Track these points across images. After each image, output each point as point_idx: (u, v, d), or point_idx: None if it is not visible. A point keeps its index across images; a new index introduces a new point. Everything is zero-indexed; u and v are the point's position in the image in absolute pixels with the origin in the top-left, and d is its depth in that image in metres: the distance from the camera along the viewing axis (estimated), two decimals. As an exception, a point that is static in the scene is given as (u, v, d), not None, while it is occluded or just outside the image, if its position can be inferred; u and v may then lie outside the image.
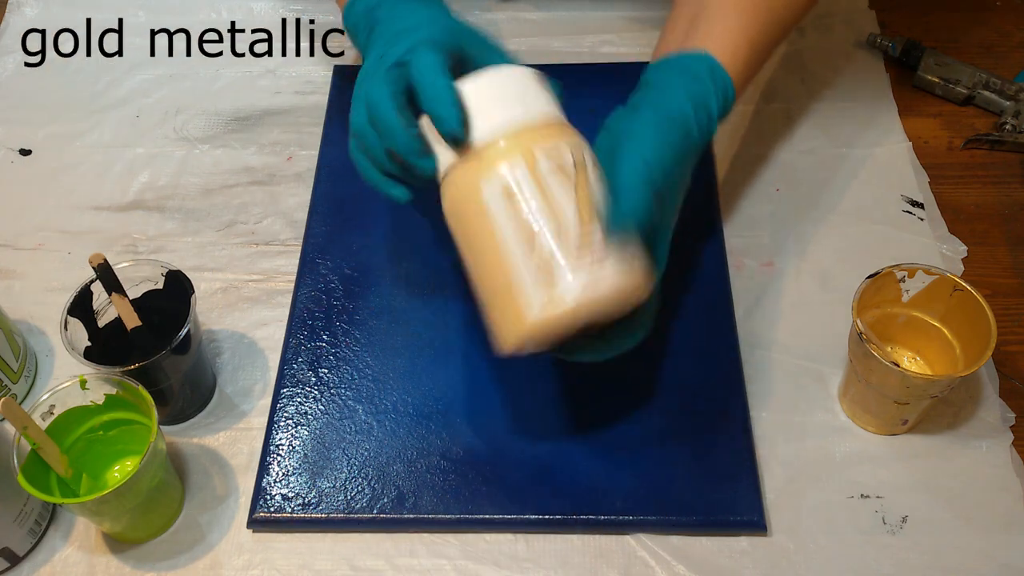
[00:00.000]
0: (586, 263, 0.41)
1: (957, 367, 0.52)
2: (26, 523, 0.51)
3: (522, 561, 0.51)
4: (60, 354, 0.60)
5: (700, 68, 0.50)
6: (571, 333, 0.44)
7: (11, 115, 0.73)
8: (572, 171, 0.42)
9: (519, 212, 0.42)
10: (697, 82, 0.50)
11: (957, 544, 0.51)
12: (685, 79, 0.50)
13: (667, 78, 0.51)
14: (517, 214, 0.42)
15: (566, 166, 0.42)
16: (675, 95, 0.49)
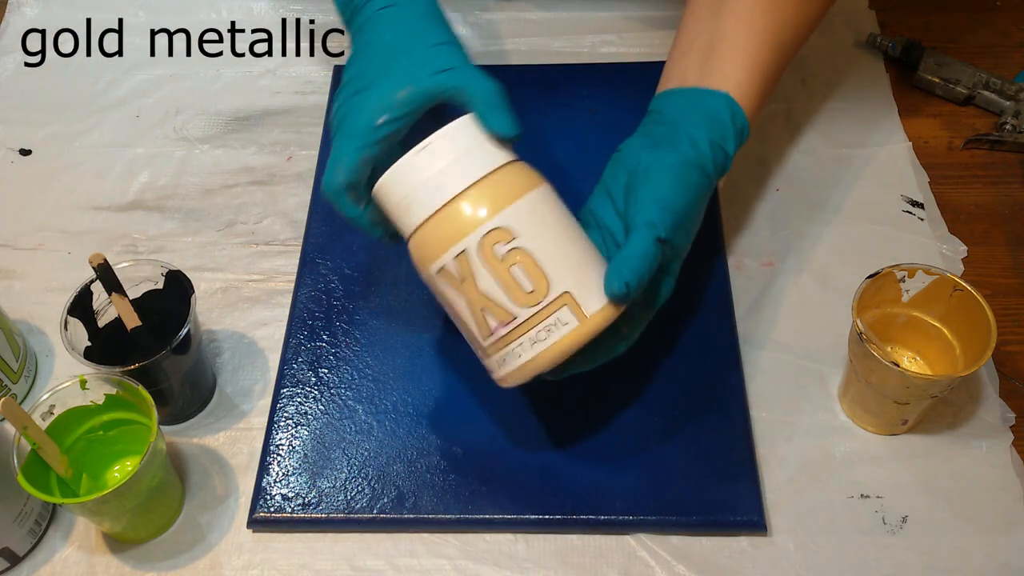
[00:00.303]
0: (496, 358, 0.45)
1: (957, 367, 0.52)
2: (26, 523, 0.51)
3: (522, 561, 0.51)
4: (60, 354, 0.60)
5: (720, 108, 0.51)
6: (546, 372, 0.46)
7: (11, 115, 0.73)
8: (459, 282, 0.44)
9: (445, 305, 0.46)
10: (717, 124, 0.51)
11: (957, 544, 0.51)
12: (706, 120, 0.51)
13: (687, 116, 0.51)
14: (444, 305, 0.46)
15: (452, 278, 0.44)
16: (696, 137, 0.50)
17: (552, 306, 0.44)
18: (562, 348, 0.44)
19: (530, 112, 0.71)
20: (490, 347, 0.45)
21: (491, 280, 0.43)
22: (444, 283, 0.45)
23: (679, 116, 0.52)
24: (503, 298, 0.43)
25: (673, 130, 0.51)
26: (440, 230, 0.44)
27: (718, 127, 0.51)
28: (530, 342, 0.44)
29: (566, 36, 0.76)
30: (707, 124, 0.51)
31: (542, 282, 0.43)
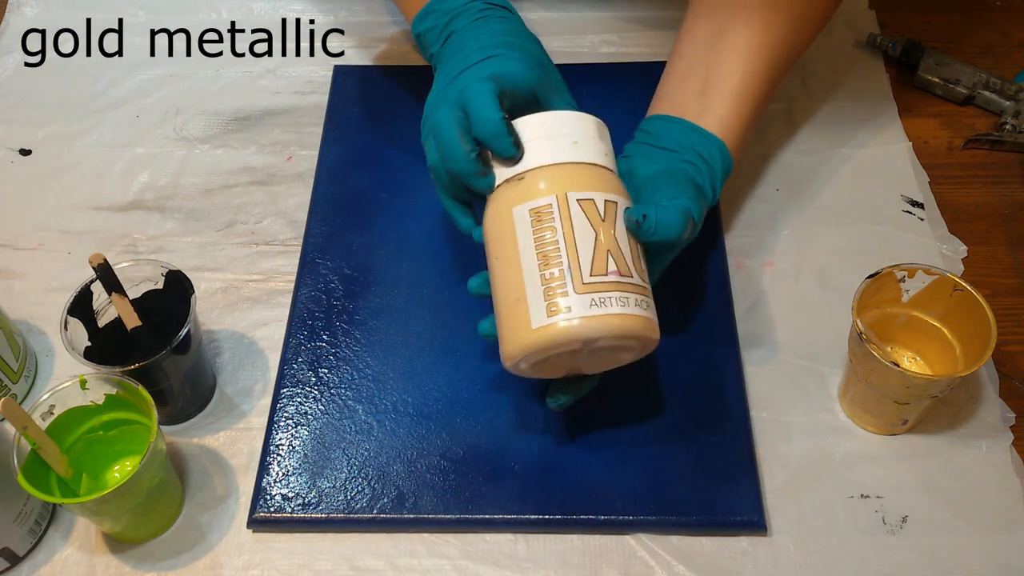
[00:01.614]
0: (588, 296, 0.44)
1: (957, 367, 0.52)
2: (26, 523, 0.51)
3: (522, 561, 0.51)
4: (60, 354, 0.60)
5: (713, 152, 0.54)
6: (564, 352, 0.46)
7: (11, 115, 0.73)
8: (599, 219, 0.46)
9: (542, 235, 0.45)
10: (709, 167, 0.54)
11: (957, 544, 0.51)
12: (701, 161, 0.54)
13: (685, 152, 0.54)
14: (540, 236, 0.45)
15: (594, 212, 0.46)
16: (694, 173, 0.53)
17: (646, 291, 0.47)
18: (646, 327, 0.46)
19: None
20: (587, 284, 0.44)
21: (624, 236, 0.46)
22: (578, 210, 0.45)
23: (678, 147, 0.54)
24: (628, 254, 0.46)
25: (675, 156, 0.54)
26: (601, 175, 0.47)
27: (710, 170, 0.54)
28: (632, 302, 0.45)
29: (566, 36, 0.75)
30: (702, 165, 0.54)
31: (645, 270, 0.47)
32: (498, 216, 0.47)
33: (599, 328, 0.44)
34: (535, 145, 0.47)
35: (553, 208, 0.46)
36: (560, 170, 0.47)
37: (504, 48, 0.53)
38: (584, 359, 0.47)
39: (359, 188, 0.66)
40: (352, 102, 0.71)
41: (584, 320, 0.44)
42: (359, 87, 0.72)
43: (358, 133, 0.69)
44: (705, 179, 0.53)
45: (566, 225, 0.45)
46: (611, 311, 0.44)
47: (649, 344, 0.47)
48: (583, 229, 0.45)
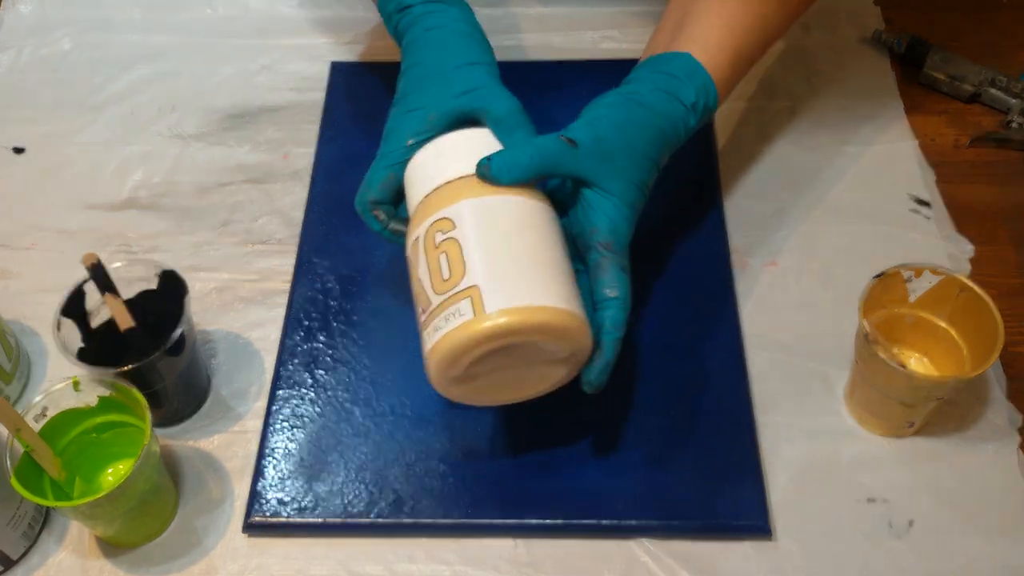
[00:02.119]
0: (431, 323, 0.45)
1: (964, 368, 0.51)
2: (19, 527, 0.50)
3: (522, 566, 0.50)
4: (53, 355, 0.60)
5: (677, 66, 0.51)
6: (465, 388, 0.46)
7: (5, 113, 0.73)
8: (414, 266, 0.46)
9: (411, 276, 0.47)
10: (670, 79, 0.51)
11: (964, 548, 0.50)
12: (658, 76, 0.51)
13: (640, 74, 0.52)
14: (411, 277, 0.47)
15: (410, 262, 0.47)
16: (640, 88, 0.51)
17: (457, 296, 0.43)
18: (451, 341, 0.43)
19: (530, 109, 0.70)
20: (421, 331, 0.46)
21: (424, 266, 0.46)
22: (410, 266, 0.47)
23: (637, 77, 0.52)
24: (428, 283, 0.45)
25: (632, 86, 0.52)
26: (413, 220, 0.48)
27: (671, 80, 0.51)
28: (434, 330, 0.44)
29: (567, 32, 0.75)
30: (661, 77, 0.51)
31: (459, 271, 0.44)
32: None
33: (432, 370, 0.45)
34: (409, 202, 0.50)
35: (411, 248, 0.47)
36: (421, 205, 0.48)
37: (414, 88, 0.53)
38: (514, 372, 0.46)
39: (356, 186, 0.65)
40: (349, 99, 0.71)
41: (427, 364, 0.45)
42: (356, 84, 0.72)
43: (355, 131, 0.68)
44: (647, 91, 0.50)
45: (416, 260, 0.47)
46: (426, 349, 0.45)
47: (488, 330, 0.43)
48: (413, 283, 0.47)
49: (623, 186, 0.48)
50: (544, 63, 0.72)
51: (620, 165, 0.48)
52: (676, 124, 0.51)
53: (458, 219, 0.45)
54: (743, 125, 0.68)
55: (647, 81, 0.51)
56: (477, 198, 0.46)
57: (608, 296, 0.47)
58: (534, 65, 0.72)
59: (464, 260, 0.44)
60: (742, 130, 0.68)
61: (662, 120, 0.50)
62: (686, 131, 0.52)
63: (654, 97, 0.50)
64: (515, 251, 0.45)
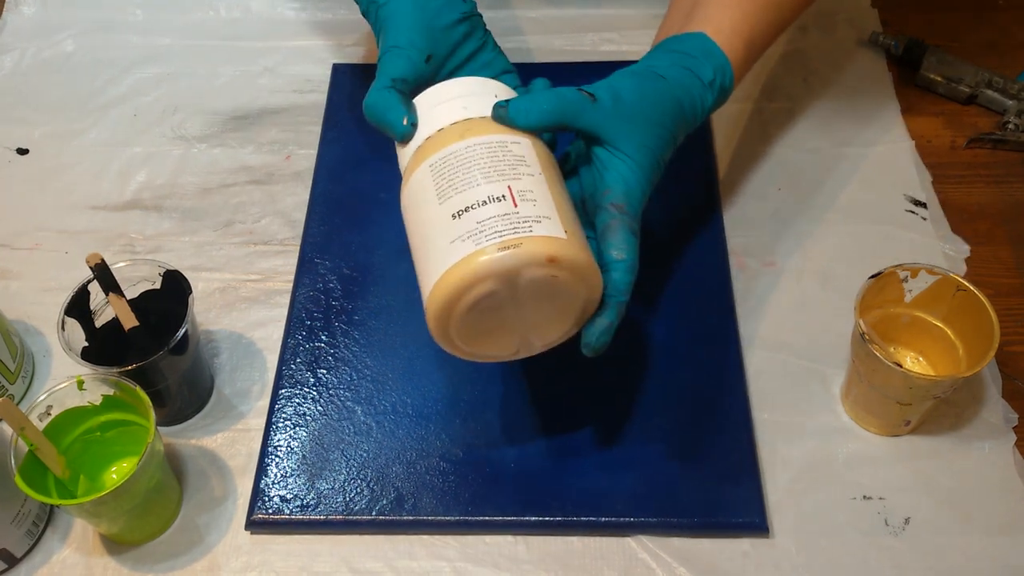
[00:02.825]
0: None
1: (960, 368, 0.51)
2: (24, 524, 0.51)
3: (522, 563, 0.51)
4: (57, 354, 0.60)
5: (692, 45, 0.50)
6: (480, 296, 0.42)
7: (8, 114, 0.73)
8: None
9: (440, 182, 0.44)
10: (685, 56, 0.50)
11: (959, 545, 0.50)
12: (673, 55, 0.50)
13: (656, 54, 0.51)
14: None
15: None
16: (655, 63, 0.50)
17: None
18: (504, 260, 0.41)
19: None
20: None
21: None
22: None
23: (654, 56, 0.51)
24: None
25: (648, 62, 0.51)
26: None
27: (687, 58, 0.50)
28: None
29: (567, 34, 0.75)
30: (678, 55, 0.50)
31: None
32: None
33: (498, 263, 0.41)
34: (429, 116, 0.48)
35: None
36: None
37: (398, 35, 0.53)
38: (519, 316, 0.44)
39: (358, 187, 0.66)
40: (351, 101, 0.71)
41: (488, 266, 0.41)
42: (357, 86, 0.72)
43: (357, 132, 0.69)
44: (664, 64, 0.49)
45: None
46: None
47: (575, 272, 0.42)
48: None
49: (640, 150, 0.47)
50: (544, 65, 0.73)
51: (639, 128, 0.47)
52: (694, 99, 0.49)
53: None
54: (741, 126, 0.69)
55: (664, 58, 0.50)
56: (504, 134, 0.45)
57: (615, 259, 0.45)
58: (535, 67, 0.72)
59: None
60: (740, 131, 0.68)
61: (681, 92, 0.49)
62: (703, 109, 0.50)
63: (673, 71, 0.49)
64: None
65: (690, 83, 0.49)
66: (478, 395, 0.55)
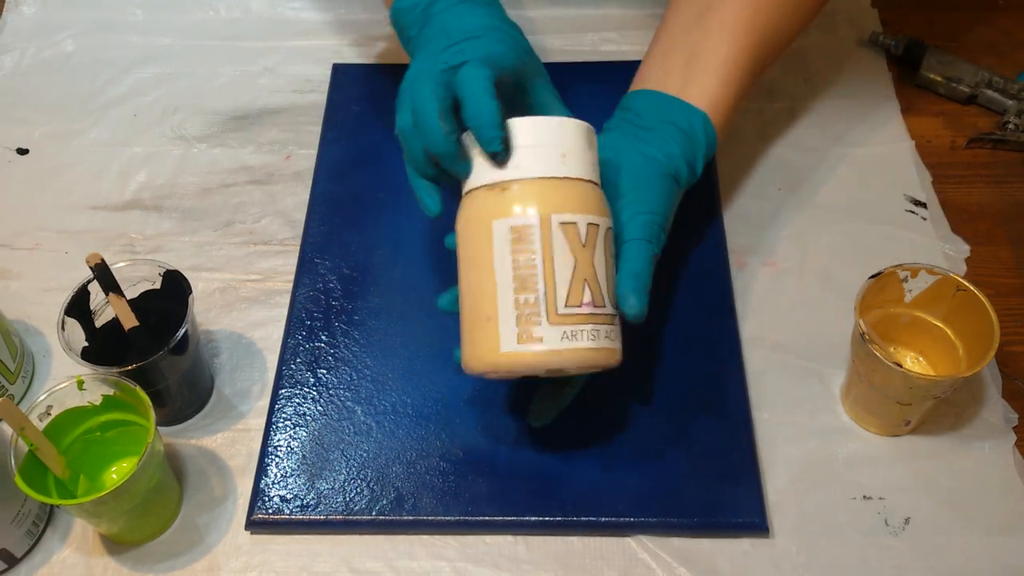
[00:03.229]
0: (560, 328, 0.44)
1: (960, 368, 0.51)
2: (23, 524, 0.51)
3: (522, 563, 0.51)
4: (57, 354, 0.60)
5: (696, 126, 0.53)
6: (530, 374, 0.47)
7: (8, 114, 0.73)
8: (580, 245, 0.45)
9: (521, 256, 0.44)
10: (691, 142, 0.53)
11: (960, 545, 0.50)
12: (681, 136, 0.53)
13: (665, 127, 0.53)
14: (518, 257, 0.44)
15: (576, 238, 0.45)
16: (673, 151, 0.53)
17: (615, 318, 0.47)
18: (613, 357, 0.46)
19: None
20: (561, 315, 0.44)
21: (603, 261, 0.46)
22: (560, 236, 0.44)
23: (657, 125, 0.53)
24: (603, 282, 0.46)
25: (649, 139, 0.53)
26: (587, 193, 0.46)
27: (692, 145, 0.53)
28: (603, 334, 0.45)
29: (567, 34, 0.75)
30: (683, 140, 0.53)
31: (610, 291, 0.46)
32: (476, 224, 0.46)
33: (568, 361, 0.44)
34: (522, 152, 0.45)
35: (534, 230, 0.44)
36: (546, 187, 0.45)
37: (488, 31, 0.50)
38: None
39: (358, 187, 0.66)
40: (351, 101, 0.71)
41: (554, 353, 0.44)
42: (358, 85, 0.72)
43: (357, 132, 0.69)
44: (680, 162, 0.52)
45: (546, 250, 0.44)
46: (582, 345, 0.44)
47: (610, 366, 0.47)
48: (563, 256, 0.44)
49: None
50: (544, 65, 0.72)
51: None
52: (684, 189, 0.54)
53: (602, 233, 0.46)
54: (741, 126, 0.69)
55: (677, 141, 0.53)
56: (606, 219, 0.47)
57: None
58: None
59: (609, 283, 0.46)
60: (741, 131, 0.68)
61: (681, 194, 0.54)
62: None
63: (684, 170, 0.53)
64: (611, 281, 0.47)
65: (689, 178, 0.54)
66: (478, 395, 0.55)
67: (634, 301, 0.46)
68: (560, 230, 0.44)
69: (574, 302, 0.44)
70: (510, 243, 0.44)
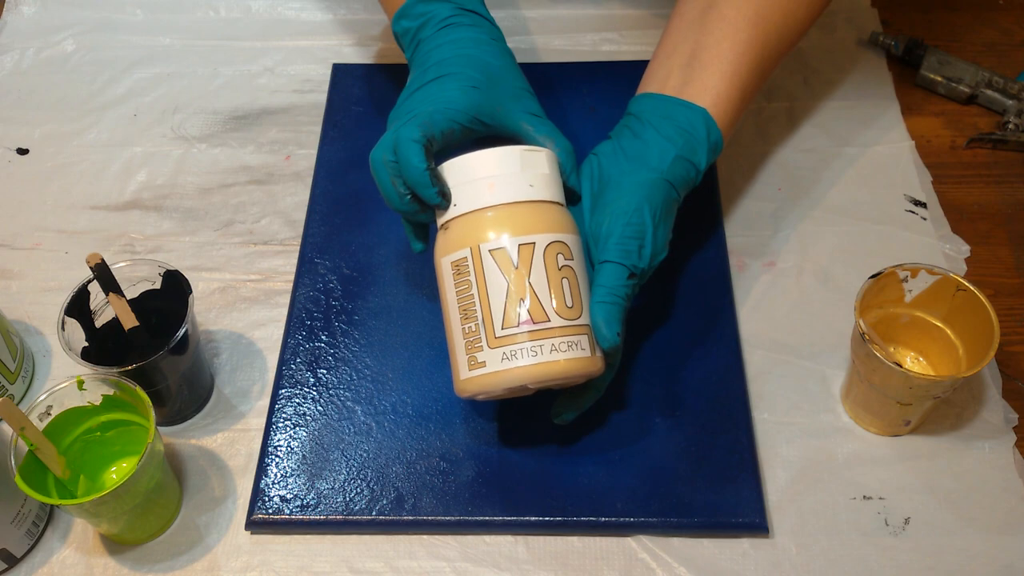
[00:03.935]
0: (499, 351, 0.46)
1: (960, 368, 0.51)
2: (24, 524, 0.51)
3: (522, 563, 0.51)
4: (58, 354, 0.60)
5: (696, 123, 0.53)
6: (490, 398, 0.49)
7: (9, 114, 0.73)
8: (512, 267, 0.46)
9: (462, 287, 0.47)
10: (691, 139, 0.52)
11: (959, 545, 0.50)
12: (680, 134, 0.52)
13: (661, 127, 0.53)
14: (460, 289, 0.47)
15: (507, 261, 0.47)
16: (666, 151, 0.52)
17: (580, 329, 0.47)
18: (573, 367, 0.46)
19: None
20: (499, 338, 0.46)
21: (544, 279, 0.46)
22: (490, 262, 0.46)
23: (654, 126, 0.53)
24: (547, 298, 0.46)
25: (644, 144, 0.52)
26: (519, 215, 0.47)
27: (691, 142, 0.52)
28: (547, 348, 0.46)
29: (567, 34, 0.75)
30: (681, 138, 0.52)
31: (579, 304, 0.47)
32: (435, 265, 0.49)
33: (514, 379, 0.46)
34: (457, 191, 0.48)
35: (468, 261, 0.47)
36: (474, 219, 0.47)
37: (458, 65, 0.53)
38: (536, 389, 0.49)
39: (358, 187, 0.66)
40: (351, 101, 0.71)
41: (496, 375, 0.46)
42: (358, 85, 0.72)
43: (357, 132, 0.69)
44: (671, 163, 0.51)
45: (479, 278, 0.47)
46: (522, 363, 0.45)
47: (586, 376, 0.48)
48: (495, 281, 0.46)
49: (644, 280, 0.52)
50: (544, 65, 0.73)
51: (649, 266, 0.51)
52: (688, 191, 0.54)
53: (572, 251, 0.48)
54: (741, 126, 0.69)
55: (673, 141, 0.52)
56: (576, 234, 0.49)
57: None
58: (534, 66, 0.72)
59: (581, 295, 0.47)
60: (740, 131, 0.68)
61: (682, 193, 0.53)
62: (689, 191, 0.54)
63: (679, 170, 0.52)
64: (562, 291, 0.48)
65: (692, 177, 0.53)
66: (478, 395, 0.56)
67: (605, 332, 0.47)
68: (490, 256, 0.47)
69: (510, 323, 0.46)
70: (453, 277, 0.47)
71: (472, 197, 0.48)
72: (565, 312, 0.46)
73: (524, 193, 0.48)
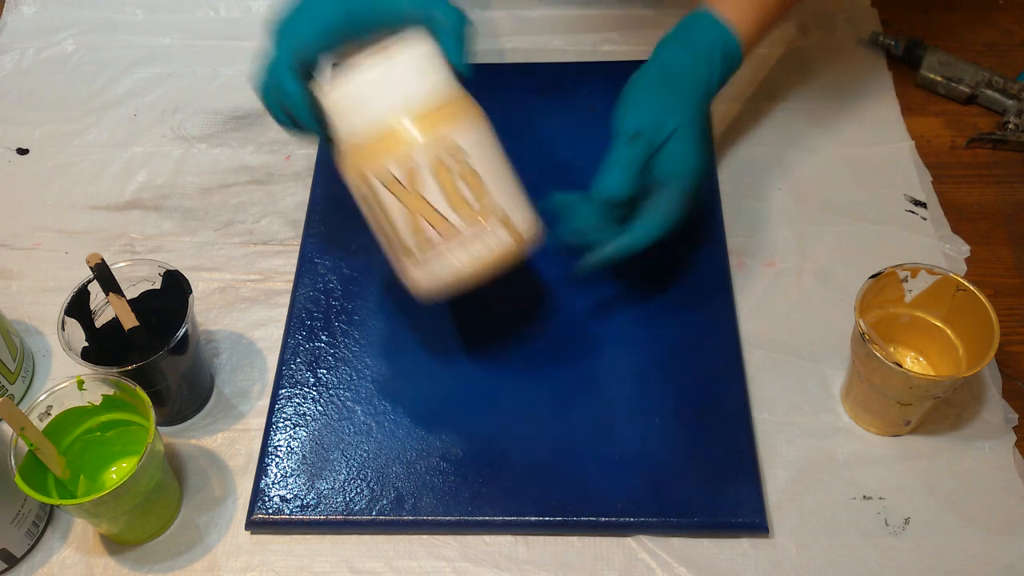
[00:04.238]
0: (426, 269, 0.48)
1: (960, 367, 0.51)
2: (24, 524, 0.51)
3: (522, 563, 0.51)
4: (58, 354, 0.60)
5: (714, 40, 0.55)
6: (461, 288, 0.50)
7: (9, 114, 0.73)
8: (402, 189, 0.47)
9: (372, 215, 0.48)
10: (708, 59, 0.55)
11: (959, 545, 0.50)
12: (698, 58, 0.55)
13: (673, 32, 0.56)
14: (371, 216, 0.49)
15: (395, 184, 0.47)
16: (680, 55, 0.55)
17: (494, 223, 0.47)
18: (494, 262, 0.48)
19: (530, 110, 0.70)
20: (417, 257, 0.48)
21: (438, 192, 0.47)
22: (382, 189, 0.47)
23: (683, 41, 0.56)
24: (447, 210, 0.47)
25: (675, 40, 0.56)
26: (394, 139, 0.47)
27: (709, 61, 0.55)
28: (467, 253, 0.47)
29: (567, 34, 0.75)
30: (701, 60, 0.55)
31: (487, 199, 0.47)
32: (346, 178, 0.49)
33: (445, 288, 0.48)
34: (336, 116, 0.48)
35: (363, 190, 0.48)
36: (356, 148, 0.48)
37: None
38: None
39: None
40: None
41: (430, 288, 0.48)
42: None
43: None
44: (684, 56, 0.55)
45: (379, 205, 0.48)
46: (444, 276, 0.47)
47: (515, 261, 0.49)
48: (392, 206, 0.47)
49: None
50: (545, 65, 0.73)
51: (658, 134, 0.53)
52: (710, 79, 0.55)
53: (468, 148, 0.47)
54: (741, 126, 0.69)
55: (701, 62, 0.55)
56: (472, 126, 0.48)
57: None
58: (535, 67, 0.72)
59: (487, 190, 0.47)
60: (740, 131, 0.68)
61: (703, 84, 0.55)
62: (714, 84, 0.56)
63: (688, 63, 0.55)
64: (510, 174, 0.49)
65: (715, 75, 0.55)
66: (478, 395, 0.55)
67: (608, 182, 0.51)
68: (379, 183, 0.47)
69: (421, 245, 0.47)
70: (359, 201, 0.49)
71: (348, 121, 0.47)
72: (470, 215, 0.47)
73: (399, 108, 0.47)
